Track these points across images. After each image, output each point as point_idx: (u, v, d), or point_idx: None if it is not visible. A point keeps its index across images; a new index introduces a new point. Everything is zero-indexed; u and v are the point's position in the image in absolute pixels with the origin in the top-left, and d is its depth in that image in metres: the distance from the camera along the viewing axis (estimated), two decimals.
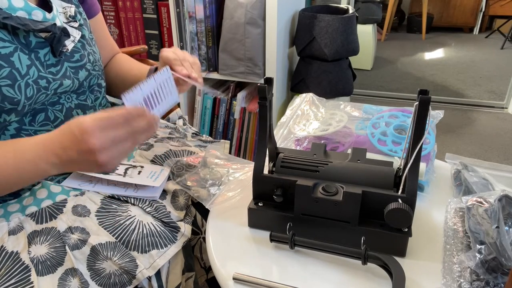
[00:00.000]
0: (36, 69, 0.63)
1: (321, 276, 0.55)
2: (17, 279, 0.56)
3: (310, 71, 1.80)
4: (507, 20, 4.07)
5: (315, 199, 0.58)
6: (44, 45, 0.65)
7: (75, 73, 0.70)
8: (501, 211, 0.55)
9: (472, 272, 0.51)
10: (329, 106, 0.91)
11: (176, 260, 0.66)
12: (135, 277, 0.60)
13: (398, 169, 0.62)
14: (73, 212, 0.64)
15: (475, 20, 4.46)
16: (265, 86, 0.59)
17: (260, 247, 0.61)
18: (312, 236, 0.58)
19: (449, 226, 0.60)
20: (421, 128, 0.54)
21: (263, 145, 0.64)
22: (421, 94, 0.53)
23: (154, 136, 0.87)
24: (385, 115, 0.80)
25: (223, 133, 1.82)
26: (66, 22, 0.71)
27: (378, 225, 0.58)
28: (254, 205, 0.64)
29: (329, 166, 0.63)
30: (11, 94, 0.60)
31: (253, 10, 1.52)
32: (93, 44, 0.78)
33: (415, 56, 3.70)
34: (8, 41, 0.60)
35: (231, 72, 1.66)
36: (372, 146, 0.74)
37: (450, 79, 3.10)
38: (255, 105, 1.72)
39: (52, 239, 0.61)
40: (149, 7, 1.72)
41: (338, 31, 1.69)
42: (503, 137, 2.25)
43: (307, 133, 0.81)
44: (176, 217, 0.69)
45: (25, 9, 0.62)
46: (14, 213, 0.64)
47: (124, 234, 0.63)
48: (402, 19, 4.79)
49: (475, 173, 0.72)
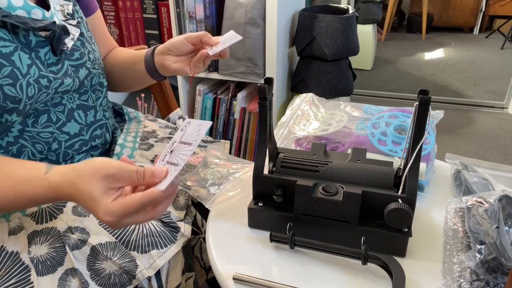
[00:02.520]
0: (36, 68, 0.63)
1: (321, 276, 0.55)
2: (17, 279, 0.56)
3: (310, 71, 1.80)
4: (507, 20, 4.07)
5: (315, 199, 0.58)
6: (44, 44, 0.65)
7: (76, 72, 0.70)
8: (501, 211, 0.55)
9: (472, 272, 0.51)
10: (329, 106, 0.91)
11: (176, 260, 0.66)
12: (135, 277, 0.60)
13: (398, 169, 0.62)
14: (73, 212, 0.64)
15: (475, 20, 4.46)
16: (265, 86, 0.59)
17: (260, 247, 0.61)
18: (312, 236, 0.58)
19: (449, 226, 0.60)
20: (421, 128, 0.54)
21: (263, 145, 0.64)
22: (421, 94, 0.53)
23: (154, 136, 0.87)
24: (385, 115, 0.80)
25: (223, 133, 1.82)
26: (65, 20, 0.71)
27: (378, 225, 0.58)
28: (254, 205, 0.64)
29: (329, 166, 0.63)
30: (13, 93, 0.60)
31: (253, 10, 1.52)
32: (93, 42, 0.78)
33: (415, 56, 3.71)
34: (8, 40, 0.60)
35: (231, 72, 1.66)
36: (372, 146, 0.74)
37: (450, 79, 3.10)
38: (255, 105, 1.72)
39: (52, 239, 0.61)
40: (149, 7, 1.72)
41: (338, 31, 1.69)
42: (503, 137, 2.25)
43: (307, 133, 0.81)
44: (176, 217, 0.69)
45: (24, 8, 0.62)
46: (14, 213, 0.64)
47: (124, 234, 0.63)
48: (402, 19, 4.79)
49: (475, 173, 0.72)
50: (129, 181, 0.51)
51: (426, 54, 3.77)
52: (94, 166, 0.51)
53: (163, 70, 0.78)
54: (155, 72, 0.80)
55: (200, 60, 0.75)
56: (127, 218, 0.50)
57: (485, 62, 3.49)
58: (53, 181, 0.53)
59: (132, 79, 0.87)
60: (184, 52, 0.76)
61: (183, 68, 0.76)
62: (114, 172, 0.50)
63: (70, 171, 0.52)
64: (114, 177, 0.50)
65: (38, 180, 0.54)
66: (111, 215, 0.49)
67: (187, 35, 0.75)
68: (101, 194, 0.49)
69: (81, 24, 0.74)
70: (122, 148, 0.80)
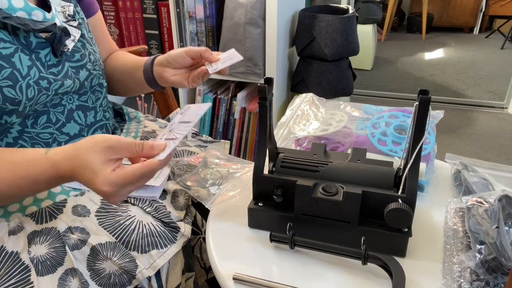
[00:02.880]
0: (37, 69, 0.63)
1: (321, 276, 0.55)
2: (17, 279, 0.56)
3: (310, 71, 1.80)
4: (507, 20, 4.07)
5: (315, 199, 0.58)
6: (45, 45, 0.65)
7: (76, 73, 0.70)
8: (501, 211, 0.55)
9: (472, 272, 0.51)
10: (329, 106, 0.91)
11: (176, 260, 0.66)
12: (135, 277, 0.60)
13: (398, 169, 0.62)
14: (73, 212, 0.64)
15: (475, 20, 4.46)
16: (265, 86, 0.59)
17: (260, 247, 0.61)
18: (312, 236, 0.58)
19: (449, 226, 0.60)
20: (421, 128, 0.54)
21: (263, 145, 0.64)
22: (421, 94, 0.53)
23: (154, 136, 0.87)
24: (385, 115, 0.80)
25: (223, 133, 1.82)
26: (66, 21, 0.71)
27: (378, 225, 0.58)
28: (254, 205, 0.64)
29: (329, 166, 0.63)
30: (12, 95, 0.60)
31: (253, 10, 1.52)
32: (93, 43, 0.78)
33: (415, 56, 3.70)
34: (8, 41, 0.60)
35: (231, 72, 1.66)
36: (372, 146, 0.74)
37: (450, 79, 3.10)
38: (255, 105, 1.72)
39: (52, 239, 0.61)
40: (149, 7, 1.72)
41: (338, 31, 1.69)
42: (503, 137, 2.25)
43: (307, 133, 0.81)
44: (176, 217, 0.69)
45: (25, 10, 0.62)
46: (14, 213, 0.64)
47: (124, 234, 0.63)
48: (402, 19, 4.79)
49: (475, 173, 0.72)
50: (128, 152, 0.53)
51: (426, 54, 3.77)
52: (93, 139, 0.53)
53: (161, 81, 0.78)
54: (153, 82, 0.79)
55: (199, 76, 0.74)
56: (125, 187, 0.52)
57: (485, 62, 3.49)
58: (53, 159, 0.54)
59: (131, 85, 0.87)
60: (183, 65, 0.75)
61: (181, 81, 0.76)
62: (113, 144, 0.52)
63: (70, 148, 0.54)
64: (113, 149, 0.52)
65: (38, 160, 0.55)
66: (110, 184, 0.50)
67: (188, 48, 0.74)
68: (101, 165, 0.51)
69: (82, 25, 0.74)
70: None
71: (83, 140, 0.54)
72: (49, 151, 0.55)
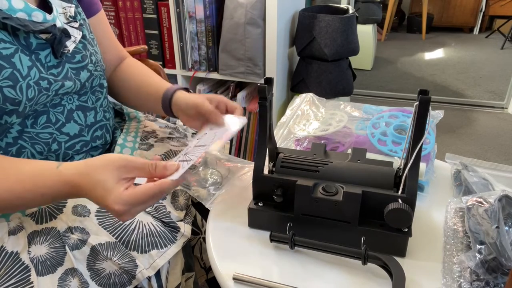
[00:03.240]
0: (37, 70, 0.63)
1: (321, 276, 0.55)
2: (17, 279, 0.56)
3: (310, 71, 1.80)
4: (507, 20, 4.07)
5: (315, 199, 0.58)
6: (45, 46, 0.65)
7: (77, 74, 0.70)
8: (501, 211, 0.55)
9: (472, 272, 0.51)
10: (329, 106, 0.91)
11: (176, 260, 0.66)
12: (135, 277, 0.61)
13: (398, 169, 0.62)
14: (73, 212, 0.64)
15: (475, 20, 4.47)
16: (265, 86, 0.59)
17: (260, 247, 0.61)
18: (312, 236, 0.58)
19: (449, 226, 0.60)
20: (421, 128, 0.54)
21: (263, 145, 0.64)
22: (421, 94, 0.53)
23: (154, 136, 0.87)
24: (385, 115, 0.80)
25: None
26: (67, 22, 0.71)
27: (378, 225, 0.58)
28: (254, 205, 0.64)
29: (329, 166, 0.63)
30: (12, 95, 0.60)
31: (253, 10, 1.52)
32: (95, 44, 0.77)
33: (415, 56, 3.71)
34: (9, 42, 0.60)
35: (231, 72, 1.66)
36: (372, 146, 0.74)
37: (450, 79, 3.10)
38: (255, 105, 1.72)
39: (52, 239, 0.61)
40: (149, 7, 1.72)
41: (338, 31, 1.69)
42: (503, 137, 2.25)
43: (307, 133, 0.81)
44: (176, 217, 0.69)
45: (25, 11, 0.62)
46: (14, 213, 0.64)
47: (124, 234, 0.63)
48: (402, 19, 4.79)
49: (475, 173, 0.72)
50: (141, 172, 0.54)
51: (426, 54, 3.77)
52: (107, 158, 0.53)
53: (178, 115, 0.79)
54: (170, 113, 0.80)
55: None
56: (137, 206, 0.52)
57: (485, 62, 3.49)
58: (65, 174, 0.54)
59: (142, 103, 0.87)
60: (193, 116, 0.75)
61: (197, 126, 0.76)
62: (127, 164, 0.53)
63: (83, 164, 0.54)
64: (126, 168, 0.53)
65: (49, 174, 0.55)
66: (122, 203, 0.50)
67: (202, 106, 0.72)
68: (114, 183, 0.51)
69: (83, 26, 0.74)
70: (122, 148, 0.79)
71: (96, 158, 0.54)
72: (61, 165, 0.55)
